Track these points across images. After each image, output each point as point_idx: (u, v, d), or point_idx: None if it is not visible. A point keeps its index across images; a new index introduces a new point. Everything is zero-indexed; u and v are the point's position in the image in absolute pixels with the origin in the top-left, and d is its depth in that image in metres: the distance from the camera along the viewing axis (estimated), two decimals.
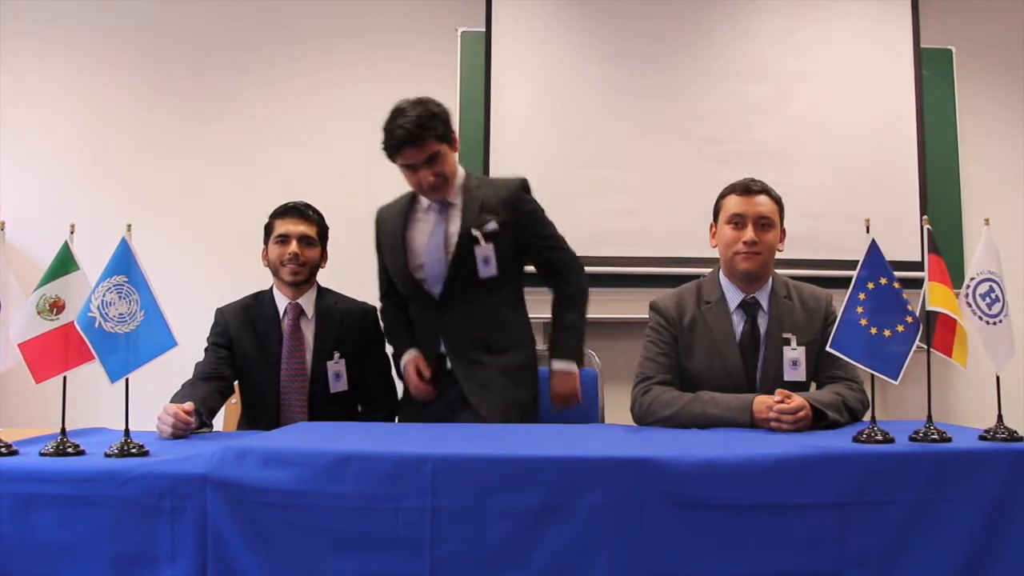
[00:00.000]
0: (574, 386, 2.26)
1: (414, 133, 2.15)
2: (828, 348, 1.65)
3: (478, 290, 2.25)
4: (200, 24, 3.71)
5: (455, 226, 2.26)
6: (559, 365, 2.27)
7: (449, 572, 1.40)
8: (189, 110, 3.70)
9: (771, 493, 1.42)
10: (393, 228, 2.33)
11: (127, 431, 1.59)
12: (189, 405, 1.87)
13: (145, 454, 1.54)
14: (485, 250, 2.23)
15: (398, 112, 2.20)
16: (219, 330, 2.37)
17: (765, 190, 2.13)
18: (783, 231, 2.16)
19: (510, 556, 1.40)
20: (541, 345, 2.37)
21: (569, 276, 2.34)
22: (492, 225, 2.24)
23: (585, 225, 3.45)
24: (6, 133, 3.60)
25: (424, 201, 2.32)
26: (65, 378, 1.58)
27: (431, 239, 2.27)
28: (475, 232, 2.22)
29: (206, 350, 2.35)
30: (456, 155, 2.31)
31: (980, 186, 3.70)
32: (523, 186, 2.35)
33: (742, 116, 3.54)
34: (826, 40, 3.60)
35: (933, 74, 3.66)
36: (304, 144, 3.67)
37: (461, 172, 2.34)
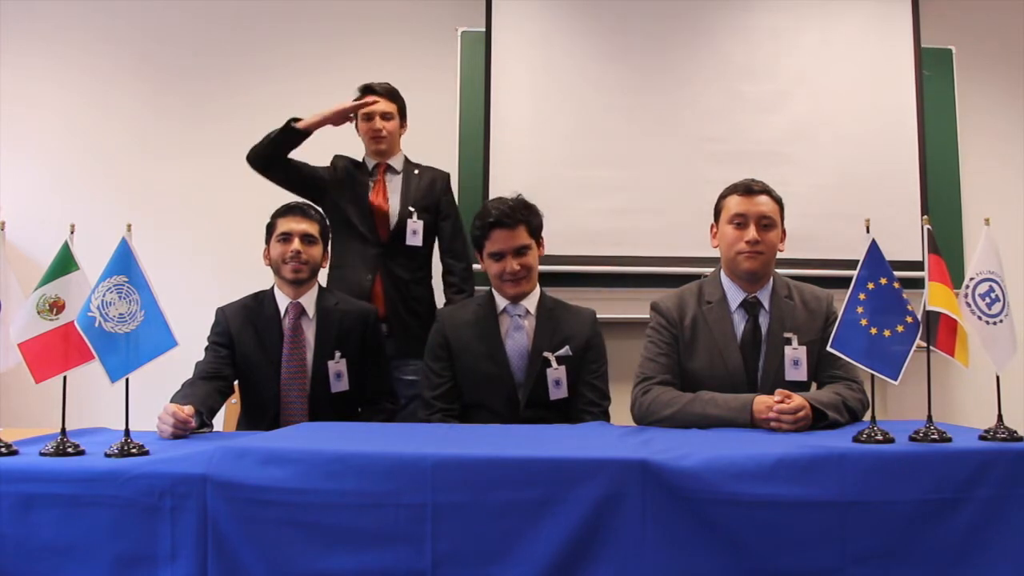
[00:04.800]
0: None
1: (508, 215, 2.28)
2: (828, 348, 1.65)
3: None
4: (200, 25, 3.72)
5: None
6: None
7: (451, 567, 1.40)
8: (189, 110, 3.70)
9: (772, 491, 1.42)
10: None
11: (127, 431, 1.59)
12: (190, 408, 1.87)
13: (145, 454, 1.54)
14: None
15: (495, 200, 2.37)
16: (219, 329, 2.37)
17: (766, 190, 2.14)
18: (783, 231, 2.17)
19: (512, 550, 1.40)
20: None
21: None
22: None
23: (585, 225, 3.45)
24: (6, 133, 3.60)
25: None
26: (65, 378, 1.58)
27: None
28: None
29: (206, 349, 2.35)
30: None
31: (980, 186, 3.70)
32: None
33: (742, 116, 3.54)
34: (826, 40, 3.60)
35: (933, 74, 3.66)
36: (304, 145, 3.67)
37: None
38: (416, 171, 2.98)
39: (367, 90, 2.95)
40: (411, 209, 2.88)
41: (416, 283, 2.91)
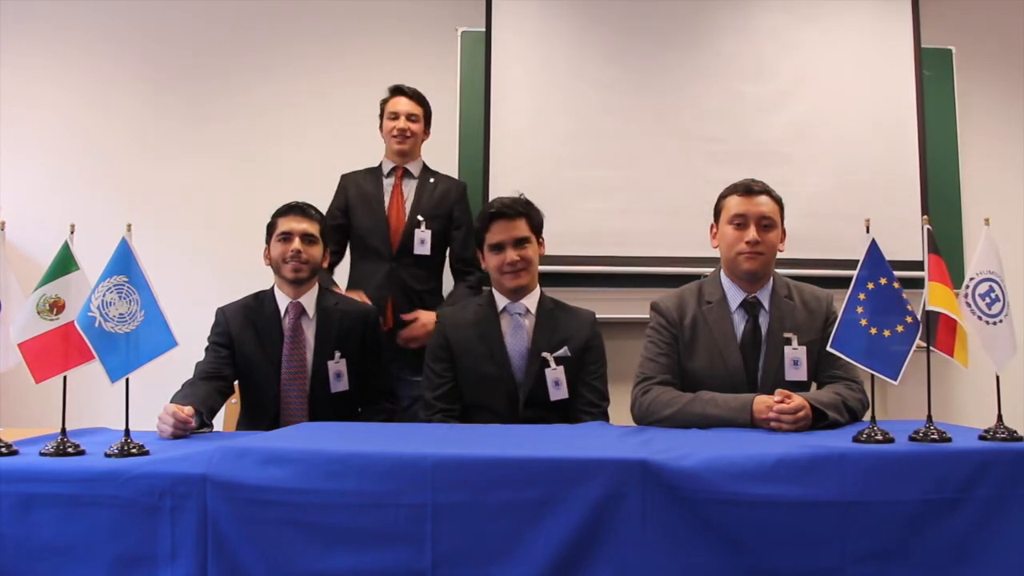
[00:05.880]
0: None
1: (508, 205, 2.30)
2: (828, 348, 1.65)
3: None
4: (200, 25, 3.72)
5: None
6: None
7: (451, 567, 1.40)
8: (189, 111, 3.70)
9: (772, 491, 1.42)
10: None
11: (127, 431, 1.59)
12: (190, 408, 1.88)
13: (145, 454, 1.54)
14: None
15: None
16: (220, 330, 2.37)
17: (766, 190, 2.14)
18: (783, 231, 2.17)
19: (512, 550, 1.40)
20: None
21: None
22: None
23: (585, 225, 3.45)
24: (6, 133, 3.60)
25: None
26: (65, 378, 1.58)
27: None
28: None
29: (206, 350, 2.35)
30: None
31: (980, 186, 3.70)
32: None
33: (742, 116, 3.54)
34: (826, 40, 3.60)
35: (933, 74, 3.66)
36: (304, 145, 3.67)
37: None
38: (432, 179, 2.99)
39: (396, 90, 2.99)
40: (420, 219, 2.89)
41: (429, 294, 2.93)
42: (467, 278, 2.96)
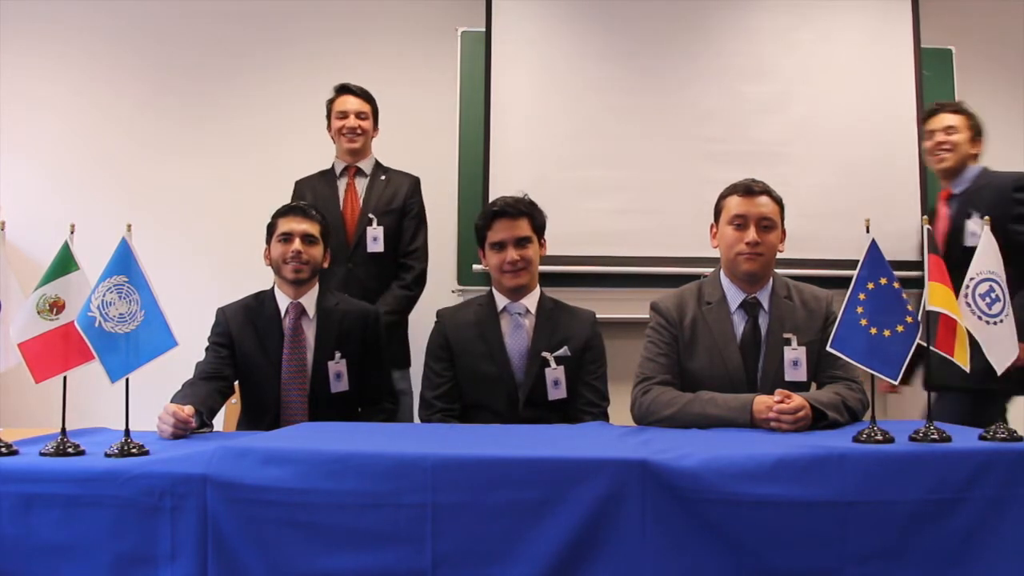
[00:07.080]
0: None
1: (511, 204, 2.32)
2: (828, 348, 1.65)
3: None
4: (200, 25, 3.72)
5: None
6: None
7: (451, 567, 1.40)
8: (189, 111, 3.70)
9: (772, 491, 1.42)
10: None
11: (127, 431, 1.59)
12: (190, 408, 1.88)
13: (145, 454, 1.54)
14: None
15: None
16: (220, 330, 2.37)
17: (766, 191, 2.14)
18: (784, 232, 2.17)
19: (512, 550, 1.40)
20: None
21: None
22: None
23: (585, 225, 3.45)
24: (6, 133, 3.60)
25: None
26: (65, 378, 1.58)
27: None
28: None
29: (207, 350, 2.35)
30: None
31: None
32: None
33: (742, 116, 3.54)
34: (826, 40, 3.60)
35: (933, 74, 3.66)
36: (304, 145, 3.66)
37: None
38: (383, 176, 2.99)
39: (342, 89, 2.99)
40: (371, 216, 2.89)
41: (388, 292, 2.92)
42: (403, 276, 2.93)
